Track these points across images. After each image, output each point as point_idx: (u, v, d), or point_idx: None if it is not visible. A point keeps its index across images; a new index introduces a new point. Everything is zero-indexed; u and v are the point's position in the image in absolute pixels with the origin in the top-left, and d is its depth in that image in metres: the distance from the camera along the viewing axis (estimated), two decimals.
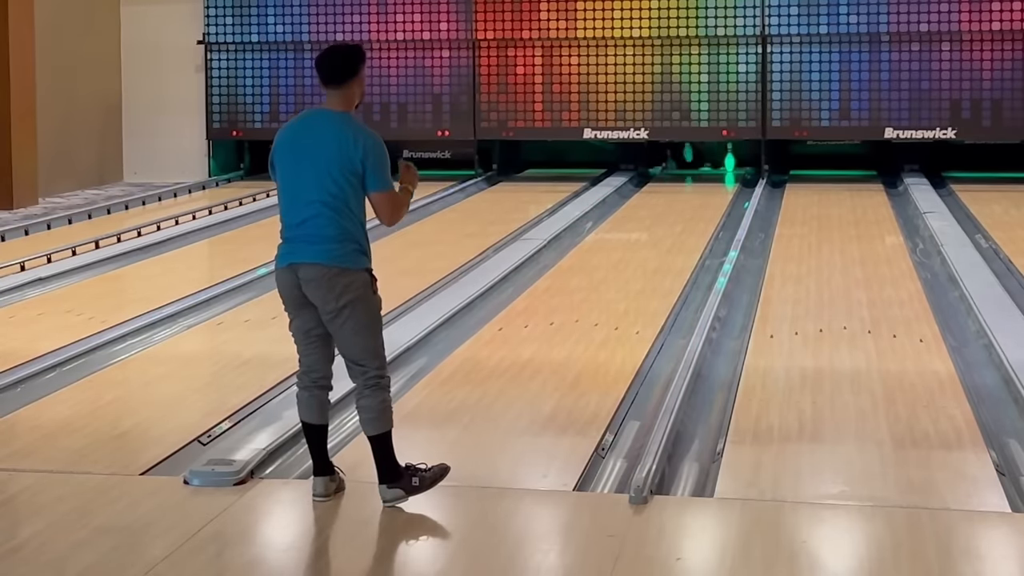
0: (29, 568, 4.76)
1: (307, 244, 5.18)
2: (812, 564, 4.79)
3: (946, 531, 5.05)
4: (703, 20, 17.03)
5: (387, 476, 5.26)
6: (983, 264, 10.63)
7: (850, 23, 16.72)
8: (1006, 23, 16.38)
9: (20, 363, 7.75)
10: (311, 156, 5.21)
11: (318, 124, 5.28)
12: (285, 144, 5.29)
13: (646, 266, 11.16)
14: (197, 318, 9.13)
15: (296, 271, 5.19)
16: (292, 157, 5.25)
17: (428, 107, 17.57)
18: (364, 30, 17.57)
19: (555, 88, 17.35)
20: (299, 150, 5.24)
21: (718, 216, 13.71)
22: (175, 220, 13.69)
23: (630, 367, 7.60)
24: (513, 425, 6.58)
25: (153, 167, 18.11)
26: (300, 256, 5.18)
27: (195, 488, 5.52)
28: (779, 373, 7.48)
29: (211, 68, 18.06)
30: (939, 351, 7.92)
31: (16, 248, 11.98)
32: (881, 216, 13.76)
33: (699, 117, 17.13)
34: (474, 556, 4.90)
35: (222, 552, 4.96)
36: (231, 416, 6.63)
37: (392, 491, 5.25)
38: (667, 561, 4.82)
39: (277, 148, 5.32)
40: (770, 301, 9.45)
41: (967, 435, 6.27)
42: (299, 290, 5.19)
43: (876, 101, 16.72)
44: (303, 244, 5.19)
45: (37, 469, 5.86)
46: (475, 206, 15.32)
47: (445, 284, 10.10)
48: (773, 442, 6.25)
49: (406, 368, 7.59)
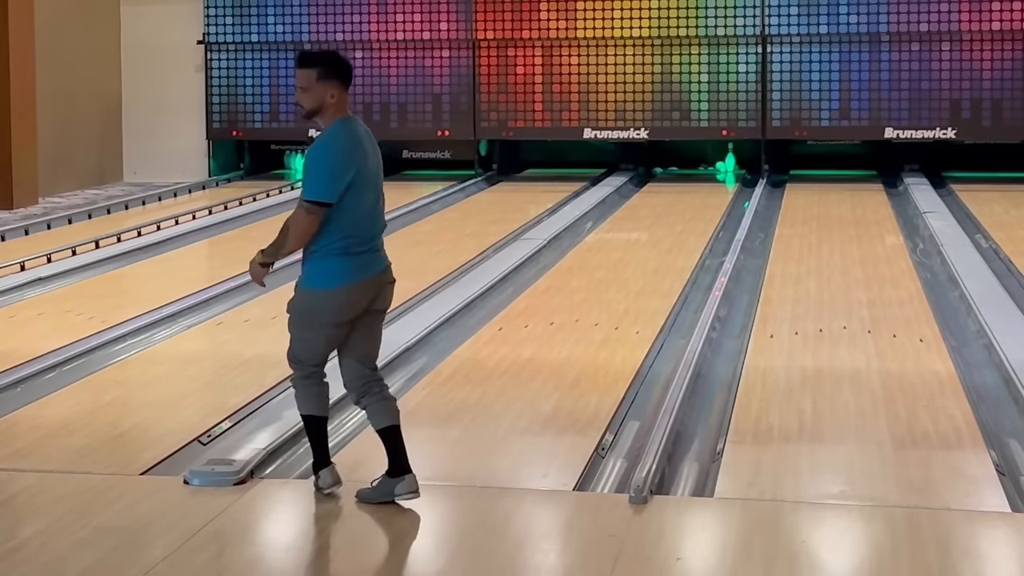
0: (29, 568, 4.75)
1: (381, 253, 5.32)
2: (812, 564, 4.79)
3: (946, 531, 5.05)
4: (703, 20, 17.03)
5: (405, 467, 5.28)
6: (983, 264, 10.63)
7: (850, 23, 16.72)
8: (1006, 23, 16.38)
9: (20, 363, 7.75)
10: (374, 170, 5.30)
11: (368, 136, 5.36)
12: (364, 159, 5.25)
13: (646, 266, 11.16)
14: (197, 318, 9.13)
15: (383, 279, 5.28)
16: (368, 172, 5.25)
17: (428, 107, 17.57)
18: (364, 30, 17.58)
19: (555, 88, 17.35)
20: (371, 165, 5.28)
21: (718, 216, 13.71)
22: (175, 220, 13.68)
23: (630, 367, 7.60)
24: (513, 425, 6.58)
25: (153, 167, 18.11)
26: (382, 264, 5.30)
27: (195, 488, 5.52)
28: (779, 373, 7.48)
29: (211, 68, 18.06)
30: (939, 351, 7.92)
31: (16, 248, 11.98)
32: (881, 216, 13.76)
33: (699, 117, 17.13)
34: (474, 556, 4.90)
35: (222, 552, 4.96)
36: (231, 416, 6.63)
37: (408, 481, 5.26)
38: (667, 561, 4.82)
39: (360, 163, 5.21)
40: (770, 301, 9.45)
41: (967, 435, 6.27)
42: (369, 298, 5.24)
43: (876, 101, 16.73)
44: (380, 254, 5.31)
45: (37, 469, 5.86)
46: (475, 206, 15.32)
47: (445, 284, 10.10)
48: (773, 442, 6.25)
49: (406, 368, 7.60)
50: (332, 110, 5.23)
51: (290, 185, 16.83)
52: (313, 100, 5.20)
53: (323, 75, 5.20)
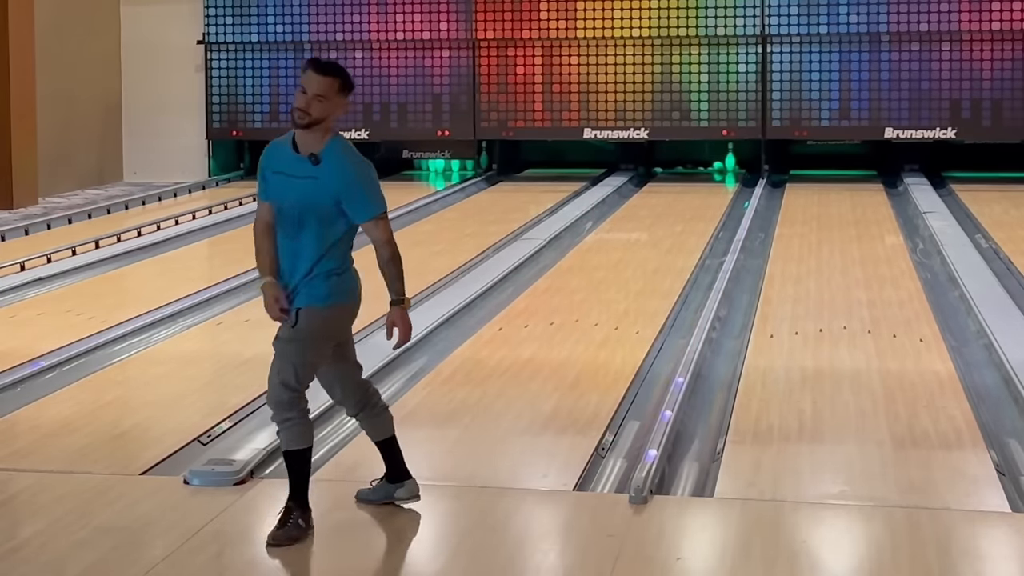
0: (29, 568, 4.75)
1: None
2: (812, 564, 4.79)
3: (946, 531, 5.05)
4: (703, 20, 17.03)
5: (404, 472, 5.27)
6: (983, 264, 10.63)
7: (850, 23, 16.72)
8: (1006, 23, 16.38)
9: (20, 363, 7.74)
10: None
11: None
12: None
13: (646, 266, 11.16)
14: (197, 318, 9.13)
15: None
16: None
17: (428, 107, 17.57)
18: (364, 30, 17.58)
19: (555, 88, 17.35)
20: None
21: (718, 216, 13.71)
22: (175, 220, 13.69)
23: (630, 367, 7.60)
24: (513, 425, 6.58)
25: (153, 167, 18.11)
26: None
27: (195, 488, 5.52)
28: (779, 373, 7.48)
29: (211, 68, 18.06)
30: (939, 351, 7.92)
31: (16, 248, 11.98)
32: (881, 216, 13.76)
33: (699, 117, 17.13)
34: (474, 556, 4.90)
35: (222, 552, 4.96)
36: (231, 416, 6.63)
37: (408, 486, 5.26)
38: (667, 561, 4.82)
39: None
40: (770, 301, 9.45)
41: (967, 435, 6.27)
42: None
43: (876, 101, 16.73)
44: None
45: (37, 469, 5.86)
46: (475, 206, 15.32)
47: (445, 284, 10.10)
48: (773, 442, 6.25)
49: (406, 368, 7.59)
50: (329, 125, 5.01)
51: None
52: (326, 110, 4.94)
53: (343, 88, 4.98)
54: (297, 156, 4.98)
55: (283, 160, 5.02)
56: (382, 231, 5.01)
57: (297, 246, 4.97)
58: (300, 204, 4.95)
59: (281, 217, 5.01)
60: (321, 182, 4.92)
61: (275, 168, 5.05)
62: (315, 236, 4.95)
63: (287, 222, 4.99)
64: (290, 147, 5.01)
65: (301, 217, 4.95)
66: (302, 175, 4.95)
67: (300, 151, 4.99)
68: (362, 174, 4.97)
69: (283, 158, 5.03)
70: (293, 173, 4.97)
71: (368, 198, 4.97)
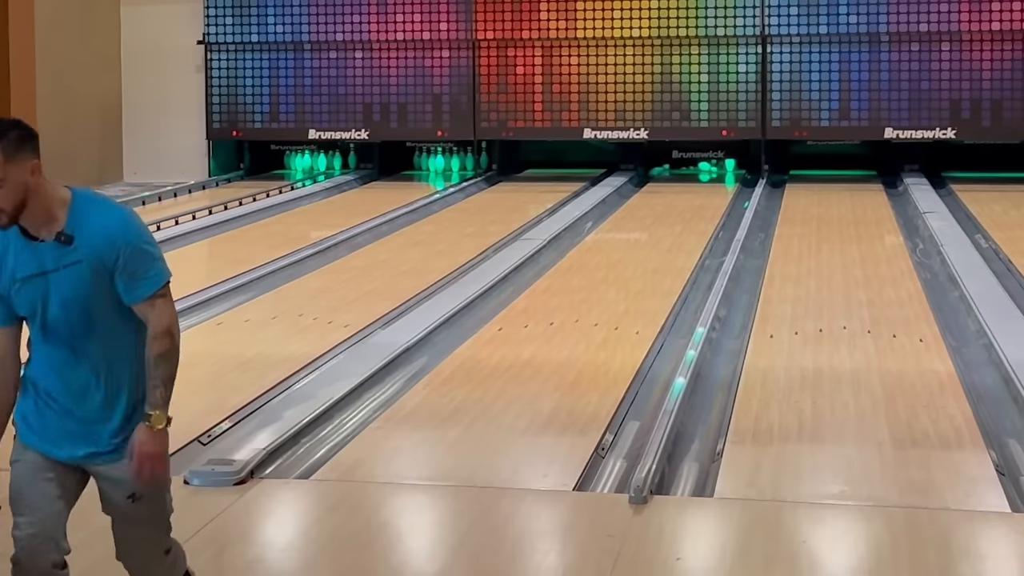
0: None
1: None
2: (812, 564, 4.79)
3: (946, 531, 5.05)
4: (703, 20, 17.02)
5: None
6: (983, 264, 10.63)
7: (850, 23, 16.71)
8: (1006, 23, 16.38)
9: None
10: None
11: None
12: None
13: (646, 266, 11.16)
14: (197, 318, 9.11)
15: None
16: None
17: (428, 107, 17.57)
18: (364, 30, 17.58)
19: (555, 88, 17.35)
20: None
21: (718, 216, 13.71)
22: (175, 220, 13.67)
23: (630, 367, 7.60)
24: (513, 425, 6.58)
25: (153, 167, 18.10)
26: None
27: (195, 488, 5.52)
28: (779, 373, 7.48)
29: (211, 68, 18.05)
30: (939, 351, 7.92)
31: None
32: (881, 216, 13.76)
33: (699, 117, 17.13)
34: (474, 556, 4.90)
35: (222, 552, 4.96)
36: (231, 416, 6.63)
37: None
38: (667, 561, 4.82)
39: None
40: (770, 301, 9.45)
41: (967, 435, 6.27)
42: None
43: (876, 101, 16.72)
44: None
45: None
46: (475, 206, 15.31)
47: (445, 284, 10.09)
48: (773, 442, 6.25)
49: (406, 368, 7.59)
50: (46, 189, 3.71)
51: (290, 185, 16.84)
52: (16, 192, 3.59)
53: (15, 149, 3.61)
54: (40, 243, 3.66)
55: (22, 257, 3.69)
56: (166, 317, 3.88)
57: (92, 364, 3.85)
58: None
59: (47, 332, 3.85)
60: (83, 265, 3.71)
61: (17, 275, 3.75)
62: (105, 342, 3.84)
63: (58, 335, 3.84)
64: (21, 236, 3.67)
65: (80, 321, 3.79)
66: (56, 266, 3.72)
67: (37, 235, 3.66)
68: (138, 237, 3.86)
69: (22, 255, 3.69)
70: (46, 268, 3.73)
71: (148, 265, 3.93)
